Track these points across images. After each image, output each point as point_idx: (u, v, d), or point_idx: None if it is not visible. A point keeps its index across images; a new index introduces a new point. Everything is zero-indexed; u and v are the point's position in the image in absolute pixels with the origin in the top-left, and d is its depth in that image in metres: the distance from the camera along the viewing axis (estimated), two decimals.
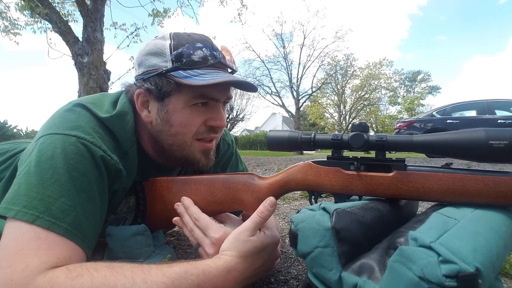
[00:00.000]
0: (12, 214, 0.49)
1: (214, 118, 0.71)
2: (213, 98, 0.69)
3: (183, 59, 0.65)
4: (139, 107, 0.71)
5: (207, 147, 0.73)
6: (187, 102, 0.67)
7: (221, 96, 0.71)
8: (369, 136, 0.56)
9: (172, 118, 0.68)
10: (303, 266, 0.83)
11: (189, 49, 0.66)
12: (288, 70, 18.88)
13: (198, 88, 0.65)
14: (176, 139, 0.70)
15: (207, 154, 0.74)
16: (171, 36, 0.68)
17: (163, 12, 5.99)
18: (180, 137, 0.70)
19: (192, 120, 0.69)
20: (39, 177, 0.53)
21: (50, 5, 4.52)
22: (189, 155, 0.72)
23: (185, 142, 0.70)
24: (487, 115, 5.98)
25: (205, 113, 0.70)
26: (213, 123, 0.71)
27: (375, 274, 0.44)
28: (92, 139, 0.59)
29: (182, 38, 0.68)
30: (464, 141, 0.49)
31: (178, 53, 0.65)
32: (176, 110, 0.68)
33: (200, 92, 0.67)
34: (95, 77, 4.42)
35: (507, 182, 0.48)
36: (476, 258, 0.36)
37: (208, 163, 0.75)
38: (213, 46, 0.69)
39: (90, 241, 0.55)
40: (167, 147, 0.71)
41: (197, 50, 0.66)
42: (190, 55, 0.66)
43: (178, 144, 0.70)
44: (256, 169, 3.85)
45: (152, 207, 0.75)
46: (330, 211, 0.50)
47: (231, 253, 0.56)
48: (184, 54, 0.65)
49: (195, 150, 0.72)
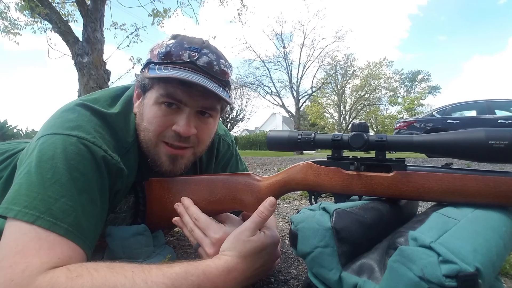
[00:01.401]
0: (13, 214, 0.49)
1: (178, 124, 0.67)
2: (179, 100, 0.66)
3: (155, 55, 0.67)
4: (135, 98, 0.73)
5: (173, 153, 0.70)
6: (156, 99, 0.67)
7: (189, 100, 0.66)
8: (369, 136, 0.56)
9: (144, 113, 0.69)
10: (303, 266, 0.83)
11: (176, 47, 0.66)
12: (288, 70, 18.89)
13: (168, 86, 0.65)
14: (144, 134, 0.69)
15: (174, 160, 0.71)
16: (171, 36, 0.70)
17: (163, 12, 5.99)
18: (147, 134, 0.68)
19: (157, 118, 0.67)
20: (40, 177, 0.53)
21: (50, 5, 4.51)
22: (154, 156, 0.70)
23: (151, 140, 0.68)
24: (487, 115, 5.97)
25: (172, 116, 0.67)
26: (176, 128, 0.67)
27: (375, 274, 0.44)
28: (93, 139, 0.59)
29: (178, 38, 0.69)
30: (464, 141, 0.49)
31: (164, 50, 0.66)
32: (148, 105, 0.68)
33: (167, 91, 0.65)
34: (95, 77, 4.41)
35: (507, 182, 0.48)
36: (476, 258, 0.36)
37: (173, 170, 0.71)
38: (201, 49, 0.67)
39: (90, 241, 0.55)
40: (140, 141, 0.70)
41: (183, 50, 0.66)
42: (171, 54, 0.66)
43: (146, 140, 0.69)
44: (256, 169, 3.85)
45: (152, 207, 0.75)
46: (330, 211, 0.50)
47: (231, 253, 0.56)
48: (159, 49, 0.67)
49: (160, 152, 0.70)
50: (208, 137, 0.75)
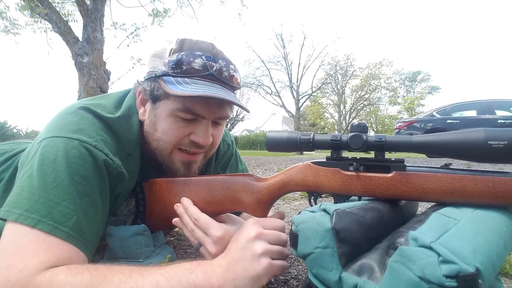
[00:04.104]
0: (14, 217, 0.49)
1: (197, 134, 0.68)
2: (199, 114, 0.66)
3: (177, 65, 0.64)
4: (138, 104, 0.71)
5: (188, 159, 0.71)
6: (172, 112, 0.66)
7: (209, 114, 0.67)
8: (368, 137, 0.56)
9: (158, 123, 0.68)
10: (303, 266, 0.83)
11: (188, 56, 0.64)
12: (288, 70, 18.92)
13: (184, 100, 0.63)
14: (158, 144, 0.69)
15: (188, 166, 0.72)
16: (177, 42, 0.67)
17: (163, 12, 5.99)
18: (161, 144, 0.69)
19: (174, 130, 0.67)
20: (42, 180, 0.53)
21: (50, 5, 4.52)
22: (168, 163, 0.71)
23: (166, 149, 0.69)
24: (487, 115, 5.97)
25: (190, 126, 0.68)
26: (195, 139, 0.68)
27: (375, 274, 0.44)
28: (94, 143, 0.59)
29: (186, 45, 0.66)
30: (463, 141, 0.49)
31: (174, 59, 0.64)
32: (162, 116, 0.67)
33: (186, 106, 0.64)
34: (95, 77, 4.42)
35: (506, 182, 0.48)
36: (476, 258, 0.36)
37: (189, 174, 0.73)
38: (216, 58, 0.66)
39: (91, 245, 0.55)
40: (152, 150, 0.71)
41: (196, 58, 0.64)
42: (184, 62, 0.64)
43: (160, 149, 0.70)
44: (256, 169, 3.85)
45: (151, 208, 0.75)
46: (330, 212, 0.50)
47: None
48: (179, 60, 0.64)
49: (175, 159, 0.71)
50: (219, 142, 0.77)
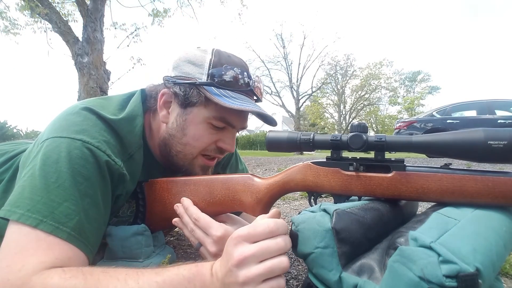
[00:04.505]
0: (16, 217, 0.49)
1: (225, 142, 0.74)
2: (231, 124, 0.72)
3: (218, 78, 0.68)
4: (160, 106, 0.73)
5: (208, 164, 0.76)
6: (207, 119, 0.70)
7: (239, 123, 0.73)
8: (368, 137, 0.56)
9: (188, 128, 0.71)
10: (303, 266, 0.83)
11: (226, 69, 0.68)
12: (288, 70, 18.93)
13: (223, 110, 0.67)
14: (185, 148, 0.72)
15: (206, 170, 0.77)
16: (213, 52, 0.70)
17: (163, 12, 6.00)
18: (188, 148, 0.72)
19: (205, 137, 0.71)
20: (44, 180, 0.53)
21: (50, 5, 4.52)
22: (189, 166, 0.75)
23: (191, 154, 0.73)
24: (487, 115, 5.97)
25: (218, 133, 0.73)
26: (223, 146, 0.74)
27: (375, 274, 0.44)
28: (97, 144, 0.59)
29: (223, 57, 0.70)
30: (463, 141, 0.49)
31: (215, 70, 0.68)
32: (194, 122, 0.70)
33: (222, 115, 0.69)
34: (95, 77, 4.42)
35: (506, 182, 0.48)
36: (476, 258, 0.36)
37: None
38: (249, 73, 0.72)
39: (92, 245, 0.55)
40: (174, 152, 0.73)
41: (232, 72, 0.69)
42: (225, 75, 0.68)
43: (185, 153, 0.73)
44: (256, 169, 3.85)
45: (151, 208, 0.75)
46: (330, 212, 0.50)
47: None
48: (220, 72, 0.68)
49: (196, 164, 0.75)
50: None
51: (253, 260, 0.45)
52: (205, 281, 0.47)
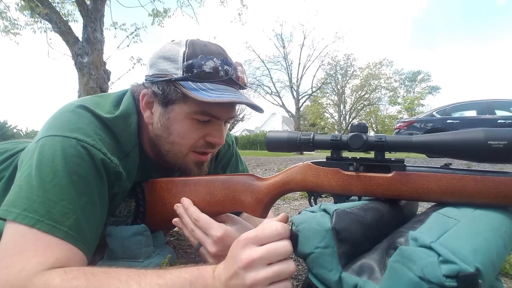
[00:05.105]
0: (13, 217, 0.49)
1: (213, 135, 0.70)
2: (215, 116, 0.69)
3: (194, 70, 0.64)
4: (143, 107, 0.71)
5: (201, 159, 0.74)
6: (189, 115, 0.67)
7: (224, 115, 0.70)
8: (368, 137, 0.56)
9: (172, 127, 0.68)
10: (303, 266, 0.83)
11: (202, 60, 0.65)
12: (288, 70, 18.93)
13: (203, 104, 0.64)
14: (173, 147, 0.70)
15: (201, 166, 0.75)
16: (187, 44, 0.67)
17: (163, 12, 5.99)
18: (176, 147, 0.70)
19: (191, 133, 0.69)
20: (40, 180, 0.53)
21: (50, 5, 4.51)
22: (182, 164, 0.73)
23: (181, 152, 0.71)
24: (487, 115, 5.97)
25: (205, 128, 0.70)
26: (211, 140, 0.71)
27: (375, 274, 0.44)
28: (92, 142, 0.59)
29: (197, 48, 0.66)
30: (463, 141, 0.49)
31: (190, 63, 0.64)
32: (177, 119, 0.68)
33: (204, 109, 0.66)
34: (95, 77, 4.41)
35: (506, 182, 0.48)
36: (476, 258, 0.36)
37: (200, 173, 0.76)
38: (227, 60, 0.68)
39: (90, 244, 0.55)
40: (164, 152, 0.72)
41: (210, 62, 0.65)
42: (201, 66, 0.64)
43: (174, 152, 0.71)
44: (256, 169, 3.85)
45: (151, 208, 0.75)
46: (330, 212, 0.50)
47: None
48: (195, 65, 0.64)
49: (189, 161, 0.73)
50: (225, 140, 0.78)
51: (261, 263, 0.44)
52: (207, 284, 0.47)
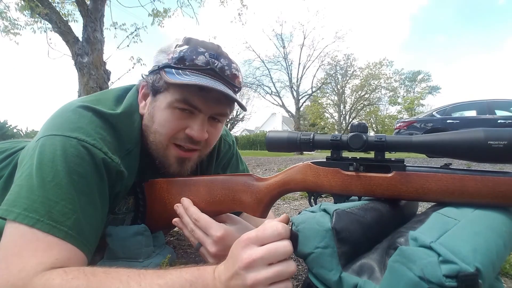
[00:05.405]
0: (13, 216, 0.49)
1: (193, 128, 0.68)
2: (196, 107, 0.67)
3: (186, 62, 0.66)
4: (140, 99, 0.72)
5: (183, 156, 0.71)
6: (170, 103, 0.67)
7: (205, 107, 0.68)
8: (368, 137, 0.56)
9: (155, 115, 0.69)
10: (303, 266, 0.83)
11: (192, 52, 0.66)
12: (288, 70, 18.91)
13: (185, 91, 0.65)
14: (155, 137, 0.69)
15: (182, 163, 0.72)
16: (184, 39, 0.70)
17: (163, 12, 5.99)
18: (158, 136, 0.69)
19: (169, 122, 0.68)
20: (40, 179, 0.53)
21: (50, 5, 4.51)
22: (163, 157, 0.71)
23: (161, 142, 0.69)
24: (487, 115, 5.98)
25: (186, 120, 0.68)
26: (190, 133, 0.68)
27: (375, 274, 0.44)
28: (93, 141, 0.59)
29: (191, 42, 0.69)
30: (463, 141, 0.49)
31: (181, 54, 0.66)
32: (160, 108, 0.68)
33: (184, 96, 0.65)
34: (95, 77, 4.41)
35: (506, 182, 0.48)
36: (476, 258, 0.36)
37: (181, 172, 0.73)
38: (218, 55, 0.69)
39: (90, 244, 0.55)
40: (149, 144, 0.71)
41: (201, 56, 0.66)
42: (192, 57, 0.66)
43: (156, 143, 0.70)
44: (256, 169, 3.85)
45: (151, 208, 0.75)
46: (330, 212, 0.50)
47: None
48: (186, 56, 0.66)
49: (169, 154, 0.70)
50: (215, 141, 0.77)
51: (262, 263, 0.44)
52: (208, 284, 0.47)
